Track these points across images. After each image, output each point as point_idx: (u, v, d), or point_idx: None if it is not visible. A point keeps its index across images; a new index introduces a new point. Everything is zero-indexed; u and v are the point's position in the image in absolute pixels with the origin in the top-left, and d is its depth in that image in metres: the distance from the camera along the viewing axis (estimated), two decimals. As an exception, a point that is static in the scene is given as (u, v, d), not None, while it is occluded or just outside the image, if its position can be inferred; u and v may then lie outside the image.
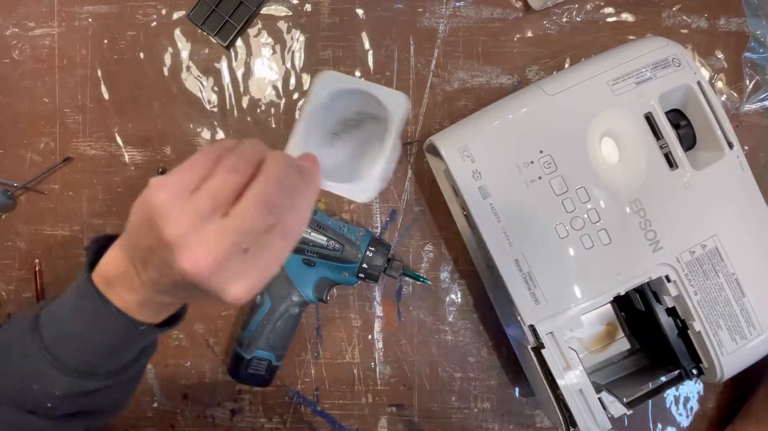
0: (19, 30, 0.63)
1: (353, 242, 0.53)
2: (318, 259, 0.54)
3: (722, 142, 0.49)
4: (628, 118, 0.48)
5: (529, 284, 0.47)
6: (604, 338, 0.56)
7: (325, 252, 0.53)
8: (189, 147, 0.62)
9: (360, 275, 0.54)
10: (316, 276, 0.55)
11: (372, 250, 0.54)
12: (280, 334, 0.56)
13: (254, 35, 0.62)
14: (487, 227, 0.47)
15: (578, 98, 0.48)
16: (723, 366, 0.48)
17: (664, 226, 0.47)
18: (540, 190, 0.47)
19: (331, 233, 0.53)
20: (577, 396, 0.47)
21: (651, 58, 0.49)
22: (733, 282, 0.48)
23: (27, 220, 0.62)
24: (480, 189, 0.47)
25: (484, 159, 0.47)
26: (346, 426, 0.61)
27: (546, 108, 0.48)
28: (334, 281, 0.56)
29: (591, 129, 0.47)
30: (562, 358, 0.47)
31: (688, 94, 0.50)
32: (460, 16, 0.62)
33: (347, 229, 0.54)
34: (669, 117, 0.50)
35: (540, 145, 0.47)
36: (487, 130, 0.48)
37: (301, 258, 0.54)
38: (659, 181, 0.48)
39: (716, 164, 0.49)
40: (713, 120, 0.49)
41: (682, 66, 0.49)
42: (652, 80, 0.49)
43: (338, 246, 0.53)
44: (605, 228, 0.47)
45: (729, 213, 0.49)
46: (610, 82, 0.48)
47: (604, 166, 0.47)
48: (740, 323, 0.48)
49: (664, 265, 0.47)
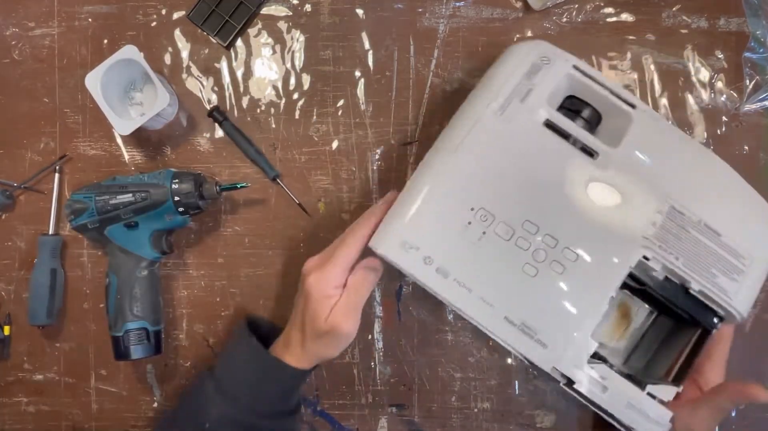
0: (19, 30, 0.63)
1: (157, 184, 0.55)
2: (136, 217, 0.55)
3: (623, 107, 0.49)
4: (533, 138, 0.47)
5: (528, 334, 0.45)
6: (621, 322, 0.54)
7: (137, 206, 0.55)
8: (189, 147, 0.62)
9: (180, 209, 0.55)
10: (145, 234, 0.56)
11: (177, 182, 0.55)
12: (141, 300, 0.57)
13: (254, 35, 0.62)
14: (463, 301, 0.45)
15: (479, 143, 0.47)
16: (737, 308, 0.46)
17: (616, 214, 0.46)
18: (491, 244, 0.45)
19: (134, 188, 0.55)
20: (627, 409, 0.45)
21: (520, 69, 0.49)
22: (703, 228, 0.47)
23: (27, 220, 0.62)
24: (438, 271, 0.45)
25: (427, 242, 0.46)
26: (346, 426, 0.61)
27: (455, 166, 0.46)
28: (164, 228, 0.57)
29: (506, 166, 0.47)
30: (597, 383, 0.45)
31: (570, 81, 0.49)
32: (460, 16, 0.62)
33: (148, 177, 0.56)
34: (567, 105, 0.50)
35: (468, 203, 0.46)
36: (414, 214, 0.46)
37: (122, 225, 0.56)
38: (590, 175, 0.47)
39: (630, 130, 0.48)
40: (604, 92, 0.49)
41: (552, 60, 0.49)
42: (533, 90, 0.48)
43: (144, 195, 0.54)
44: (566, 246, 0.46)
45: (666, 168, 0.48)
46: (498, 114, 0.47)
47: (534, 191, 0.46)
48: (730, 261, 0.47)
49: (636, 249, 0.46)
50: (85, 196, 0.56)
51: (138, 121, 0.56)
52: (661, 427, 0.45)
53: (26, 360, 0.62)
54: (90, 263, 0.62)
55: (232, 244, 0.62)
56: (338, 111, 0.62)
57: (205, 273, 0.62)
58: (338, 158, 0.62)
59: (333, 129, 0.62)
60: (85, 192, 0.56)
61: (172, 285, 0.62)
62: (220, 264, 0.62)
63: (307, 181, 0.61)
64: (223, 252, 0.62)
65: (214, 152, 0.62)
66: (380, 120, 0.61)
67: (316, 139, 0.62)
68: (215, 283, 0.62)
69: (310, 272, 0.48)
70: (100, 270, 0.62)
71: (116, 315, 0.56)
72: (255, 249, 0.62)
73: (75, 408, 0.62)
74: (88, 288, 0.62)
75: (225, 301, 0.62)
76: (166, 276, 0.62)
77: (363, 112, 0.62)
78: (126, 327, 0.56)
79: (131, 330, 0.56)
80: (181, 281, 0.62)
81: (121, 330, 0.56)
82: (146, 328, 0.57)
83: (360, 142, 0.62)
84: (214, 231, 0.62)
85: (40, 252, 0.60)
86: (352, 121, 0.62)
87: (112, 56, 0.56)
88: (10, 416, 0.62)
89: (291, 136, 0.62)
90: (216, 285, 0.62)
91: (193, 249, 0.62)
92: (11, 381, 0.62)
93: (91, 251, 0.62)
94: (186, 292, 0.62)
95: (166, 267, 0.62)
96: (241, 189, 0.57)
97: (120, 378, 0.62)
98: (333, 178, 0.61)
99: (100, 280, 0.61)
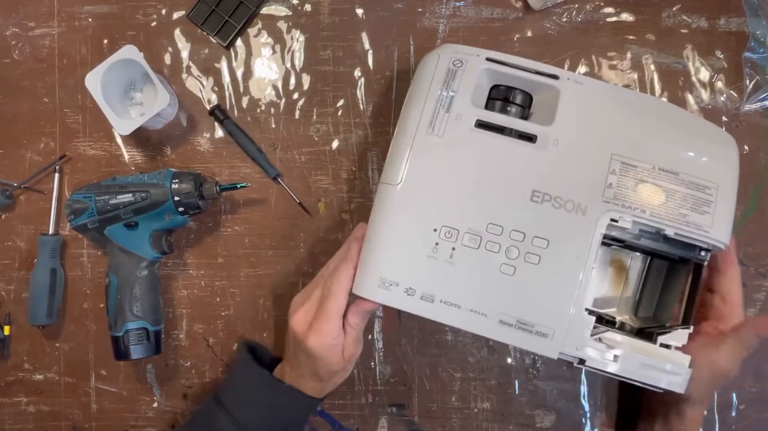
0: (19, 30, 0.63)
1: (157, 184, 0.55)
2: (136, 217, 0.55)
3: (547, 82, 0.49)
4: (469, 142, 0.47)
5: (526, 329, 0.45)
6: (619, 275, 0.55)
7: (137, 206, 0.55)
8: (189, 147, 0.62)
9: (180, 209, 0.55)
10: (145, 234, 0.57)
11: (177, 181, 0.55)
12: (141, 299, 0.57)
13: (254, 35, 0.62)
14: (456, 319, 0.46)
15: (420, 166, 0.47)
16: (717, 238, 0.46)
17: (571, 190, 0.46)
18: (463, 256, 0.46)
19: (134, 188, 0.55)
20: (643, 370, 0.45)
21: (436, 80, 0.49)
22: (659, 173, 0.46)
23: (27, 220, 0.62)
24: (422, 298, 0.46)
25: (403, 274, 0.46)
26: (346, 426, 0.61)
27: (404, 198, 0.47)
28: (164, 228, 0.57)
29: (453, 178, 0.47)
30: (607, 354, 0.45)
31: (489, 74, 0.49)
32: (460, 16, 0.62)
33: (148, 177, 0.56)
34: (494, 96, 0.49)
35: (429, 225, 0.46)
36: (382, 252, 0.47)
37: (122, 225, 0.56)
38: (535, 161, 0.46)
39: (560, 102, 0.48)
40: (524, 74, 0.49)
41: (464, 61, 0.49)
42: (455, 96, 0.48)
43: (145, 195, 0.54)
44: (534, 235, 0.46)
45: (605, 127, 0.47)
46: (428, 131, 0.47)
47: (488, 193, 0.46)
48: (696, 196, 0.46)
49: (601, 215, 0.46)
50: (85, 196, 0.56)
51: (138, 121, 0.56)
52: (680, 376, 0.45)
53: (26, 360, 0.62)
54: (90, 263, 0.62)
55: (232, 244, 0.62)
56: (338, 111, 0.62)
57: (205, 273, 0.62)
58: (338, 158, 0.62)
59: (333, 129, 0.62)
60: (85, 192, 0.56)
61: (172, 285, 0.62)
62: (219, 264, 0.62)
63: (307, 181, 0.61)
64: (223, 252, 0.62)
65: (214, 152, 0.62)
66: (380, 120, 0.62)
67: (316, 139, 0.62)
68: (215, 283, 0.62)
69: (307, 335, 0.48)
70: (100, 270, 0.62)
71: (116, 315, 0.56)
72: (255, 249, 0.62)
73: (75, 408, 0.62)
74: (88, 288, 0.62)
75: (225, 301, 0.62)
76: (166, 276, 0.62)
77: (363, 112, 0.62)
78: (126, 327, 0.56)
79: (131, 330, 0.56)
80: (181, 281, 0.62)
81: (121, 330, 0.56)
82: (146, 328, 0.57)
83: (360, 142, 0.62)
84: (214, 231, 0.62)
85: (40, 252, 0.60)
86: (352, 121, 0.62)
87: (112, 56, 0.56)
88: (10, 416, 0.62)
89: (291, 136, 0.62)
90: (216, 285, 0.62)
91: (193, 249, 0.62)
92: (11, 381, 0.62)
93: (91, 251, 0.62)
94: (186, 292, 0.62)
95: (166, 267, 0.62)
96: (241, 189, 0.57)
97: (120, 378, 0.62)
98: (333, 178, 0.61)
99: (100, 280, 0.61)
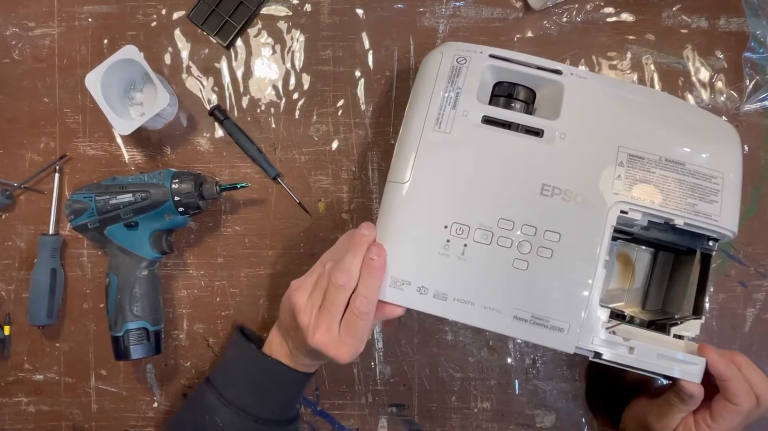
0: (19, 30, 0.63)
1: (157, 184, 0.55)
2: (136, 217, 0.55)
3: (551, 77, 0.49)
4: (476, 138, 0.47)
5: (542, 324, 0.45)
6: (626, 269, 0.55)
7: (137, 207, 0.55)
8: (189, 147, 0.62)
9: (180, 209, 0.55)
10: (145, 234, 0.57)
11: (177, 181, 0.55)
12: (141, 299, 0.57)
13: (254, 35, 0.62)
14: (470, 316, 0.46)
15: (428, 164, 0.47)
16: (725, 227, 0.46)
17: (580, 183, 0.46)
18: (475, 253, 0.46)
19: (133, 188, 0.55)
20: (659, 360, 0.45)
21: (441, 78, 0.48)
22: (666, 164, 0.46)
23: (27, 220, 0.62)
24: (435, 296, 0.45)
25: (415, 273, 0.46)
26: (346, 426, 0.61)
27: (413, 196, 0.46)
28: (164, 228, 0.57)
29: (462, 175, 0.46)
30: (623, 346, 0.45)
31: (492, 70, 0.49)
32: (460, 16, 0.62)
33: (148, 177, 0.56)
34: (498, 92, 0.49)
35: (440, 223, 0.46)
36: (393, 252, 0.46)
37: (122, 225, 0.56)
38: (543, 155, 0.47)
39: (564, 97, 0.48)
40: (528, 69, 0.49)
41: (468, 58, 0.49)
42: (460, 93, 0.48)
43: (145, 195, 0.54)
44: (546, 229, 0.46)
45: (611, 119, 0.48)
46: (435, 129, 0.47)
47: (497, 189, 0.46)
48: (703, 185, 0.46)
49: (611, 207, 0.46)
50: (85, 196, 0.56)
51: (138, 121, 0.56)
52: (695, 365, 0.45)
53: (26, 360, 0.62)
54: (90, 263, 0.62)
55: (232, 244, 0.62)
56: (338, 111, 0.62)
57: (205, 273, 0.62)
58: (338, 158, 0.62)
59: (333, 129, 0.62)
60: (85, 192, 0.56)
61: (172, 285, 0.62)
62: (219, 264, 0.62)
63: (307, 181, 0.61)
64: (223, 252, 0.62)
65: (214, 152, 0.62)
66: (380, 120, 0.62)
67: (316, 139, 0.62)
68: (215, 283, 0.62)
69: (315, 330, 0.45)
70: (100, 270, 0.62)
71: (116, 315, 0.56)
72: (255, 249, 0.62)
73: (75, 408, 0.62)
74: (88, 288, 0.62)
75: (225, 301, 0.62)
76: (166, 276, 0.62)
77: (363, 112, 0.62)
78: (126, 327, 0.56)
79: (131, 330, 0.56)
80: (181, 281, 0.62)
81: (121, 330, 0.56)
82: (146, 328, 0.57)
83: (360, 142, 0.62)
84: (214, 231, 0.62)
85: (40, 252, 0.60)
86: (352, 121, 0.62)
87: (112, 56, 0.56)
88: (10, 416, 0.62)
89: (291, 136, 0.62)
90: (216, 285, 0.62)
91: (193, 249, 0.62)
92: (11, 381, 0.62)
93: (91, 251, 0.62)
94: (186, 292, 0.62)
95: (166, 267, 0.62)
96: (241, 189, 0.57)
97: (120, 378, 0.62)
98: (333, 178, 0.61)
99: (100, 280, 0.61)
